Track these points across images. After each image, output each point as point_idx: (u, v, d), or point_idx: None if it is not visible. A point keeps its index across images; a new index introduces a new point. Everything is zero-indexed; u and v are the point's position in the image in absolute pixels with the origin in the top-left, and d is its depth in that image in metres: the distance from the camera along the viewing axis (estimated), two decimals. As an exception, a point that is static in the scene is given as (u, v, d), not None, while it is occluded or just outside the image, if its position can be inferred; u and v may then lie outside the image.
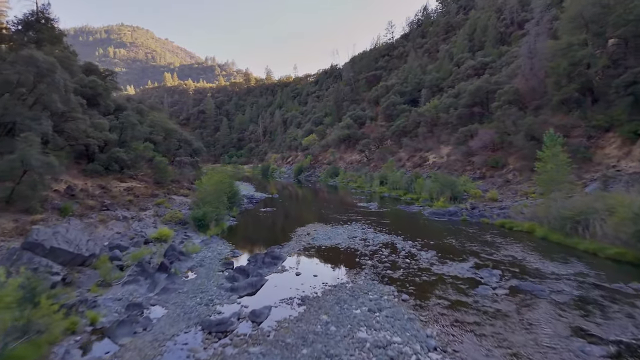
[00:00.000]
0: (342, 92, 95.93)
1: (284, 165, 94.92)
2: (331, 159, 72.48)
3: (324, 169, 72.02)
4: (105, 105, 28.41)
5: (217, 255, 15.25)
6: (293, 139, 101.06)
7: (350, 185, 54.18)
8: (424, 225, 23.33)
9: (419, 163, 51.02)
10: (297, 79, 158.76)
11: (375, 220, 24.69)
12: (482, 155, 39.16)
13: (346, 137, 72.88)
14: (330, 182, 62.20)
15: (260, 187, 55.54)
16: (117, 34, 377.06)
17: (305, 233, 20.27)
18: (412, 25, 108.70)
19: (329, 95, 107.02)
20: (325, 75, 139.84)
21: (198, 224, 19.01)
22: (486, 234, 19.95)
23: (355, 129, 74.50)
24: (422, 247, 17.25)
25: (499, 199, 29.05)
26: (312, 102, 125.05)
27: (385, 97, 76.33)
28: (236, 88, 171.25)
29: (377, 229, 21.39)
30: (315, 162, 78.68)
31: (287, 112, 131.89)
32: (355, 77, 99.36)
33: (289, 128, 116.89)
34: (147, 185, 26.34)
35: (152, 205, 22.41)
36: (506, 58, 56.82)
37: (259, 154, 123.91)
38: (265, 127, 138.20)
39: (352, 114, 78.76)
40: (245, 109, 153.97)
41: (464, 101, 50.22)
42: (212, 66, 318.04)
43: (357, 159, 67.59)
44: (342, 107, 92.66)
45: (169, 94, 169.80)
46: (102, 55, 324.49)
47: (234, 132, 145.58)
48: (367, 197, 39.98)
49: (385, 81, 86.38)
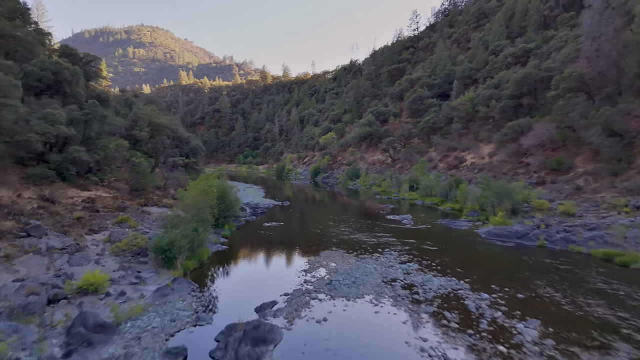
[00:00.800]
0: (362, 87, 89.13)
1: (300, 166, 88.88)
2: (351, 159, 65.89)
3: (343, 170, 65.52)
4: (74, 94, 22.84)
5: (165, 326, 9.03)
6: (310, 137, 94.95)
7: (374, 189, 47.52)
8: (489, 255, 16.60)
9: (454, 164, 43.91)
10: (315, 75, 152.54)
11: (415, 244, 18.08)
12: (538, 155, 31.91)
13: (367, 135, 66.14)
14: (350, 185, 55.68)
15: (272, 191, 49.52)
16: (136, 34, 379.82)
17: (317, 271, 13.86)
18: (437, 16, 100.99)
19: (349, 91, 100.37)
20: (344, 71, 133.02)
21: (162, 256, 12.92)
22: (597, 275, 13.12)
23: (377, 126, 67.67)
24: (514, 307, 10.59)
25: (576, 214, 21.96)
26: (330, 99, 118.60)
27: (410, 92, 69.21)
28: (252, 86, 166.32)
29: (424, 263, 14.85)
30: (333, 162, 72.25)
31: (304, 109, 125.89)
32: (376, 71, 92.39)
33: (306, 126, 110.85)
34: (118, 195, 20.51)
35: (112, 225, 16.48)
36: (555, 42, 48.95)
37: (274, 154, 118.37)
38: (282, 125, 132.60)
39: (373, 110, 71.93)
40: (261, 107, 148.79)
41: (508, 92, 42.85)
42: (229, 65, 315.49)
43: (380, 159, 60.82)
44: (362, 104, 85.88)
45: (184, 93, 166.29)
46: (122, 56, 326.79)
47: (249, 131, 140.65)
48: (396, 204, 33.33)
49: (409, 74, 79.19)
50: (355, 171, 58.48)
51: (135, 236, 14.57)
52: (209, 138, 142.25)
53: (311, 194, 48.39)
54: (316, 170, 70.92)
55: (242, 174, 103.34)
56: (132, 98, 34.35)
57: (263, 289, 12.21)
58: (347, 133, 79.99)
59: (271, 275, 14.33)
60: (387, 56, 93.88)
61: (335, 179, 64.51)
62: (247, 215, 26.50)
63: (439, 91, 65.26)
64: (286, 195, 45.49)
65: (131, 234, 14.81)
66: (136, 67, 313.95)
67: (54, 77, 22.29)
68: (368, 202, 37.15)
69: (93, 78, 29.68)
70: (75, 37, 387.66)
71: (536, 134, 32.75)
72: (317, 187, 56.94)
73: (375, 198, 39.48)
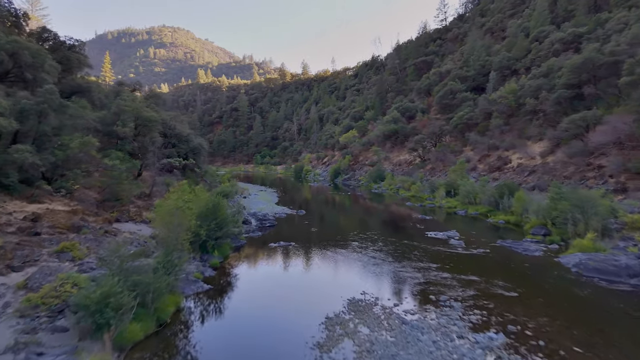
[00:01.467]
0: (386, 82, 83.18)
1: (319, 166, 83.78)
2: (374, 159, 60.24)
3: (366, 171, 59.99)
4: (37, 81, 18.37)
5: None
6: (330, 136, 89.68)
7: (402, 194, 41.88)
8: (607, 311, 10.95)
9: (497, 165, 37.81)
10: (335, 73, 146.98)
11: (482, 285, 12.59)
12: (614, 155, 25.65)
13: (392, 132, 60.37)
14: (374, 188, 50.17)
15: (288, 195, 44.55)
16: (158, 34, 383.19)
17: (338, 347, 8.51)
18: (467, 6, 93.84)
19: (371, 87, 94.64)
20: (366, 67, 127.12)
21: (90, 321, 7.95)
22: None
23: (403, 123, 61.77)
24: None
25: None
26: (351, 96, 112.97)
27: (439, 86, 63.05)
28: (271, 84, 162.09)
29: (511, 329, 9.38)
30: (354, 162, 66.75)
31: (324, 107, 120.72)
32: (401, 65, 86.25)
33: (325, 125, 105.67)
34: (79, 208, 15.80)
35: (48, 255, 11.68)
36: (613, 24, 42.13)
37: (292, 154, 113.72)
38: (300, 124, 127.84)
39: (399, 106, 66.02)
40: (279, 106, 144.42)
41: (562, 81, 36.42)
42: (249, 64, 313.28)
43: (406, 159, 55.01)
44: (386, 100, 79.97)
45: (202, 92, 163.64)
46: (143, 56, 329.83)
47: (267, 130, 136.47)
48: (432, 214, 27.70)
49: (438, 67, 72.81)
50: (379, 172, 52.86)
51: (67, 278, 9.66)
52: (226, 137, 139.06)
53: (331, 198, 43.13)
54: (336, 171, 65.62)
55: (259, 175, 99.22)
56: (124, 90, 29.94)
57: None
58: (369, 131, 74.35)
59: (264, 353, 9.05)
60: (412, 49, 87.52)
61: (357, 180, 59.04)
62: (252, 229, 21.47)
63: (472, 84, 58.84)
64: (303, 200, 40.46)
65: (61, 275, 9.89)
66: (157, 67, 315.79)
67: (11, 59, 17.89)
68: (398, 210, 31.62)
69: (77, 67, 25.30)
70: (99, 38, 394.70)
71: (609, 129, 26.49)
72: (337, 190, 51.73)
73: (404, 205, 33.90)
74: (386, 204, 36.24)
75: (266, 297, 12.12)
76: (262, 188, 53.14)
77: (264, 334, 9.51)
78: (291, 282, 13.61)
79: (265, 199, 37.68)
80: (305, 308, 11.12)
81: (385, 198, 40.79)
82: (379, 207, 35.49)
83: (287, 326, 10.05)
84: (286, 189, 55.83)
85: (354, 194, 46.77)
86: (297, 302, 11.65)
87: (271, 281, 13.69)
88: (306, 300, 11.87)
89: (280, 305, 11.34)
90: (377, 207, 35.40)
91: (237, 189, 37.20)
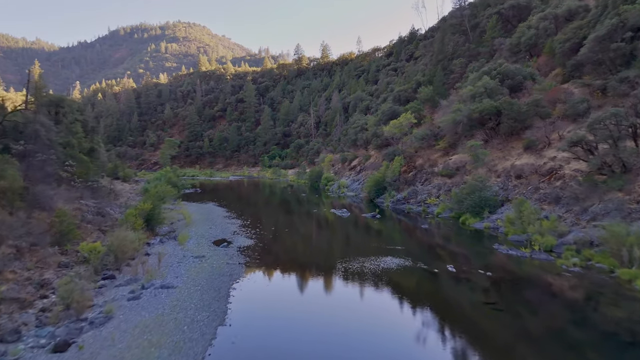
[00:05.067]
0: (449, 44, 54.83)
1: (345, 172, 56.33)
2: (467, 163, 32.37)
3: (438, 187, 32.22)
4: None
5: None
6: (360, 129, 62.14)
7: (569, 258, 14.18)
8: None
9: None
10: (362, 54, 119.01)
11: None
12: None
13: (490, 111, 32.29)
14: (474, 224, 22.77)
15: (289, 233, 17.47)
16: (171, 29, 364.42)
17: None
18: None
19: (426, 54, 66.46)
20: (402, 43, 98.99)
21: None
22: None
23: (504, 96, 33.50)
24: None
25: None
26: (385, 78, 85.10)
27: (563, 33, 34.82)
28: (284, 71, 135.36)
29: None
30: (409, 168, 38.97)
31: (350, 94, 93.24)
32: (471, 20, 57.64)
33: (353, 115, 78.16)
34: None
35: None
36: None
37: (308, 154, 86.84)
38: (319, 116, 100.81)
39: (490, 70, 37.71)
40: (294, 95, 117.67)
41: None
42: (264, 58, 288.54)
43: (533, 164, 26.62)
44: (450, 69, 51.82)
45: (203, 80, 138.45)
46: (154, 51, 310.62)
47: (278, 124, 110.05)
48: None
49: (541, 11, 44.01)
50: (482, 196, 25.03)
51: None
52: (229, 134, 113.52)
53: (392, 268, 15.55)
54: (378, 183, 38.02)
55: (264, 182, 72.80)
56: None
57: None
58: (426, 118, 46.34)
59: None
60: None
61: (424, 204, 31.28)
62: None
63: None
64: (319, 262, 13.72)
65: None
66: (168, 62, 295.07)
67: None
68: None
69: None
70: (111, 34, 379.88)
71: None
72: (381, 219, 24.63)
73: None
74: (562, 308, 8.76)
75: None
76: (241, 221, 26.25)
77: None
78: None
79: (224, 268, 10.78)
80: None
81: (525, 265, 13.49)
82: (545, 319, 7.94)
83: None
84: (291, 212, 29.08)
85: (429, 235, 19.39)
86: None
87: None
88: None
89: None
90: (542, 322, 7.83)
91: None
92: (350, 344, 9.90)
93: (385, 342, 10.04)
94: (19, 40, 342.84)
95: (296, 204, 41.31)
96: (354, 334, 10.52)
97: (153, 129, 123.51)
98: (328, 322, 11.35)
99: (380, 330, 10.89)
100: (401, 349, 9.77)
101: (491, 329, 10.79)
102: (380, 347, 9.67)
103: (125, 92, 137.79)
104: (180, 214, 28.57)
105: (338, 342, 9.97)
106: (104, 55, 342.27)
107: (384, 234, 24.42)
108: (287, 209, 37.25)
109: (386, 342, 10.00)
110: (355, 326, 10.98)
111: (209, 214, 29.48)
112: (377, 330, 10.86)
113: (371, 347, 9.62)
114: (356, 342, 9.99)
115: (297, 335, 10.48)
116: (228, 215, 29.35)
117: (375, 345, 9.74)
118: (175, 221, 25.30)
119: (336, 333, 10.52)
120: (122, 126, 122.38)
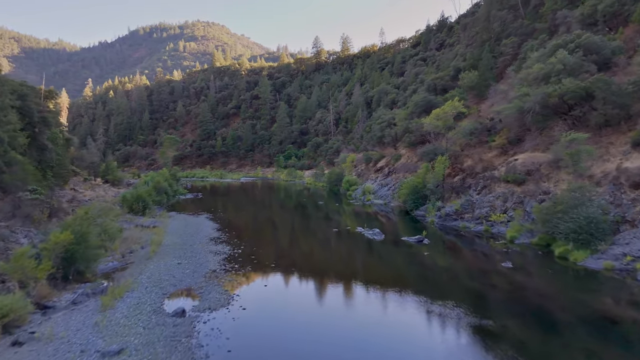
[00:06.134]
0: (496, 21, 45.84)
1: (371, 175, 48.14)
2: (543, 164, 23.84)
3: (508, 197, 23.75)
4: None
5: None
6: (386, 124, 53.69)
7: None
8: None
9: None
10: (386, 47, 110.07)
11: None
12: None
13: (576, 94, 23.58)
14: (584, 261, 14.38)
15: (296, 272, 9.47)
16: (190, 29, 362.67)
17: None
18: None
19: (464, 39, 57.60)
20: (432, 31, 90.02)
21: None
22: None
23: (590, 73, 24.72)
24: None
25: None
26: (413, 68, 76.36)
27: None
28: (302, 65, 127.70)
29: None
30: (454, 171, 30.53)
31: (373, 87, 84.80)
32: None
33: (377, 110, 69.75)
34: None
35: None
36: None
37: (327, 153, 78.87)
38: (339, 112, 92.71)
39: (567, 41, 28.86)
40: (311, 91, 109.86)
41: None
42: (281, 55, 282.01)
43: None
44: (499, 51, 42.96)
45: (217, 76, 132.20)
46: (172, 50, 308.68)
47: (295, 122, 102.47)
48: None
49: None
50: (588, 210, 16.50)
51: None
52: (243, 133, 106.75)
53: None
54: (417, 191, 29.75)
55: (278, 185, 65.53)
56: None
57: None
58: (472, 109, 37.73)
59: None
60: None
61: (485, 222, 22.87)
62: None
63: None
64: None
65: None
66: (186, 60, 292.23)
67: None
68: None
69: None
70: (131, 34, 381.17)
71: None
72: (436, 249, 17.00)
73: None
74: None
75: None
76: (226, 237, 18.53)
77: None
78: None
79: None
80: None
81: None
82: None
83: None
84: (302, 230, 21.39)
85: (514, 283, 11.23)
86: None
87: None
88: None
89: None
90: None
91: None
92: None
93: None
94: (41, 41, 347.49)
95: (312, 217, 33.44)
96: None
97: (164, 128, 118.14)
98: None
99: None
100: None
101: None
102: None
103: (137, 89, 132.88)
104: (154, 232, 21.15)
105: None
106: (124, 54, 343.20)
107: (446, 279, 16.06)
108: (299, 225, 29.49)
109: None
110: None
111: (191, 235, 21.85)
112: None
113: None
114: None
115: None
116: (216, 237, 21.67)
117: None
118: (137, 248, 17.78)
119: None
120: (133, 124, 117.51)
